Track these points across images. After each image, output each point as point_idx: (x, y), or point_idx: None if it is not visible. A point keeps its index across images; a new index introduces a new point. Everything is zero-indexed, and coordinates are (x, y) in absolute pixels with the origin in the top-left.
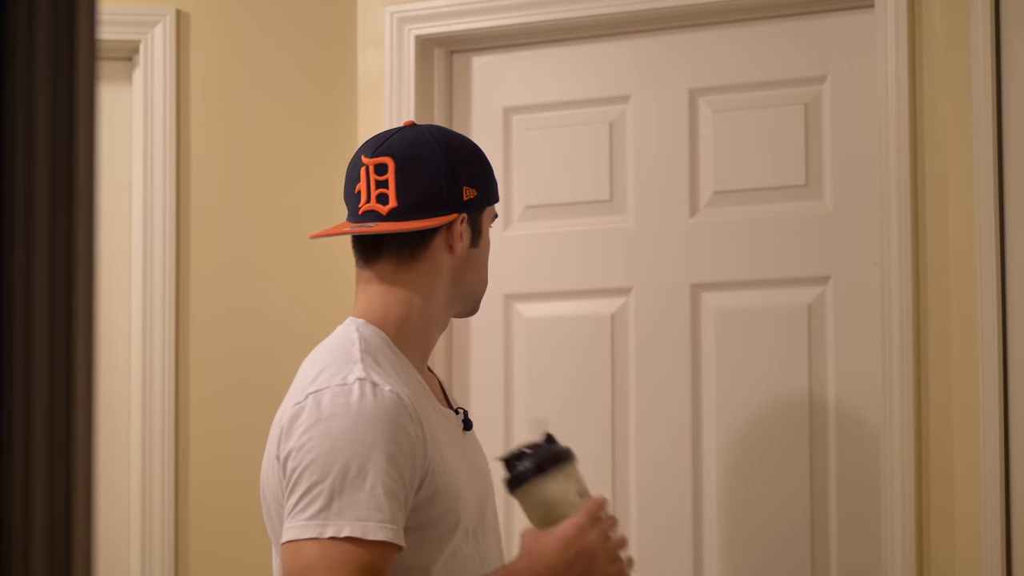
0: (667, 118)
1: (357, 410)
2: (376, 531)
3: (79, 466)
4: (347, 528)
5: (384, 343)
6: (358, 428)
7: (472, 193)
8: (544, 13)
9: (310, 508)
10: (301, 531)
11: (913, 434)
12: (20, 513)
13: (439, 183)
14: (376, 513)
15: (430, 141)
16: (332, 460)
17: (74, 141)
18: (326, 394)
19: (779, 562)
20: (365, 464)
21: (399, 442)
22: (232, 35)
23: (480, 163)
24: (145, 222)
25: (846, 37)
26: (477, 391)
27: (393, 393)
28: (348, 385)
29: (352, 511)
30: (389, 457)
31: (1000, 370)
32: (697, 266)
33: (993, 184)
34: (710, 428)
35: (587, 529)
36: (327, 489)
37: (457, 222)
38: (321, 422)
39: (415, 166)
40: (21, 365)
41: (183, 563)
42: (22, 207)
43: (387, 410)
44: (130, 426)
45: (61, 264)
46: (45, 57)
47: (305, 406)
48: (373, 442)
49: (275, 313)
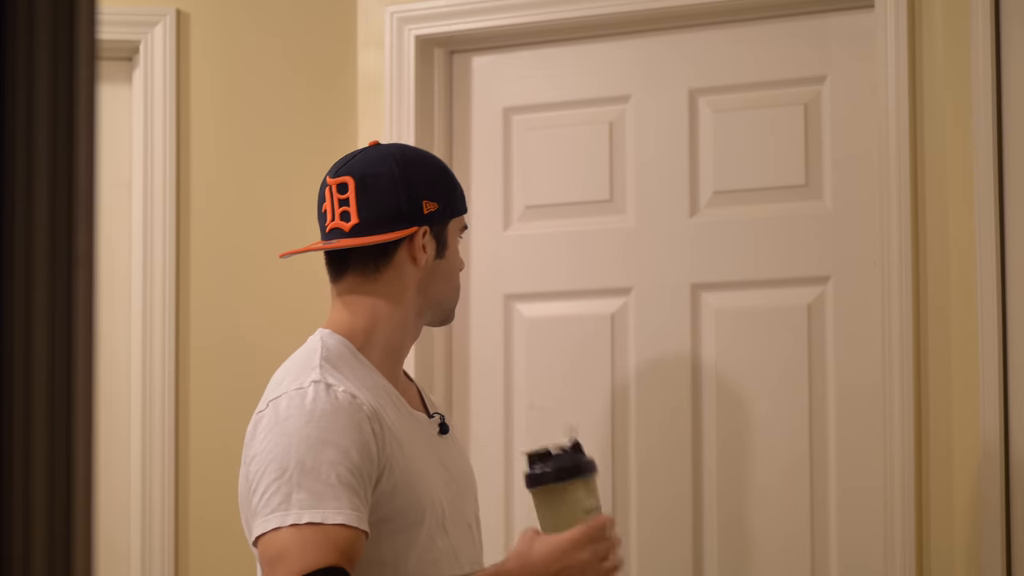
0: (667, 118)
1: (311, 409)
2: (334, 516)
3: (79, 466)
4: (307, 515)
5: (348, 351)
6: (312, 426)
7: (433, 206)
8: (544, 13)
9: (271, 503)
10: (265, 524)
11: (913, 434)
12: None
13: (397, 198)
14: (333, 500)
15: (388, 159)
16: (288, 457)
17: (74, 141)
18: (283, 399)
19: (779, 562)
20: (319, 458)
21: (352, 437)
22: (232, 35)
23: (441, 177)
24: (145, 222)
25: (846, 37)
26: (477, 391)
27: (347, 393)
28: (303, 388)
29: (309, 500)
30: (343, 451)
31: (1000, 370)
32: (697, 266)
33: (993, 184)
34: (710, 428)
35: (582, 546)
36: (285, 484)
37: (419, 235)
38: (278, 424)
39: (374, 183)
40: (21, 365)
41: (183, 564)
42: (22, 207)
43: (340, 408)
44: (130, 426)
45: (61, 264)
46: (45, 57)
47: (265, 414)
48: (326, 438)
49: (275, 313)
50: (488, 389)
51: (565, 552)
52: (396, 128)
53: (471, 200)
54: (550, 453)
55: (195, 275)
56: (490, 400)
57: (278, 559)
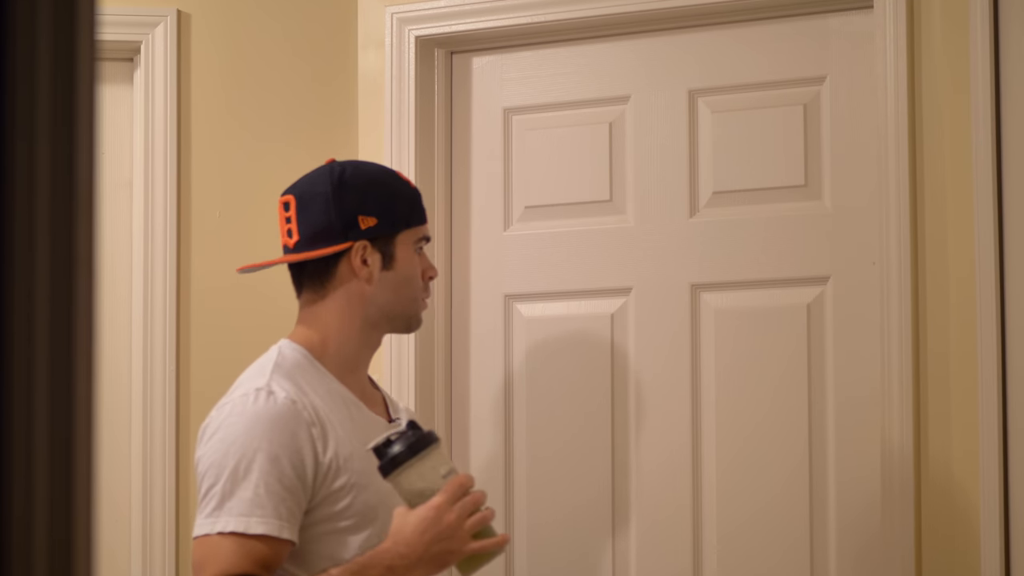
0: (667, 118)
1: (249, 415)
2: (256, 526)
3: (80, 466)
4: (232, 524)
5: (304, 359)
6: (248, 432)
7: (371, 221)
8: (544, 13)
9: (207, 508)
10: (199, 528)
11: (912, 433)
12: (21, 514)
13: (329, 215)
14: (258, 510)
15: (325, 177)
16: (224, 463)
17: (75, 141)
18: (227, 405)
19: (779, 561)
20: (251, 465)
21: (285, 443)
22: (233, 36)
23: (382, 192)
24: (145, 222)
25: (846, 37)
26: (477, 391)
27: (288, 399)
28: (247, 395)
29: (237, 508)
30: (273, 458)
31: (999, 369)
32: (697, 266)
33: (992, 184)
34: (710, 428)
35: (445, 509)
36: (219, 491)
37: (355, 249)
38: (220, 430)
39: (309, 202)
40: (22, 365)
41: (183, 563)
42: (23, 207)
43: (277, 414)
44: (131, 426)
45: (61, 264)
46: (46, 57)
47: (212, 417)
48: (259, 445)
49: (275, 313)
50: (488, 389)
51: (434, 519)
52: (396, 128)
53: (471, 200)
54: (391, 439)
55: (195, 275)
56: (490, 400)
57: (205, 565)
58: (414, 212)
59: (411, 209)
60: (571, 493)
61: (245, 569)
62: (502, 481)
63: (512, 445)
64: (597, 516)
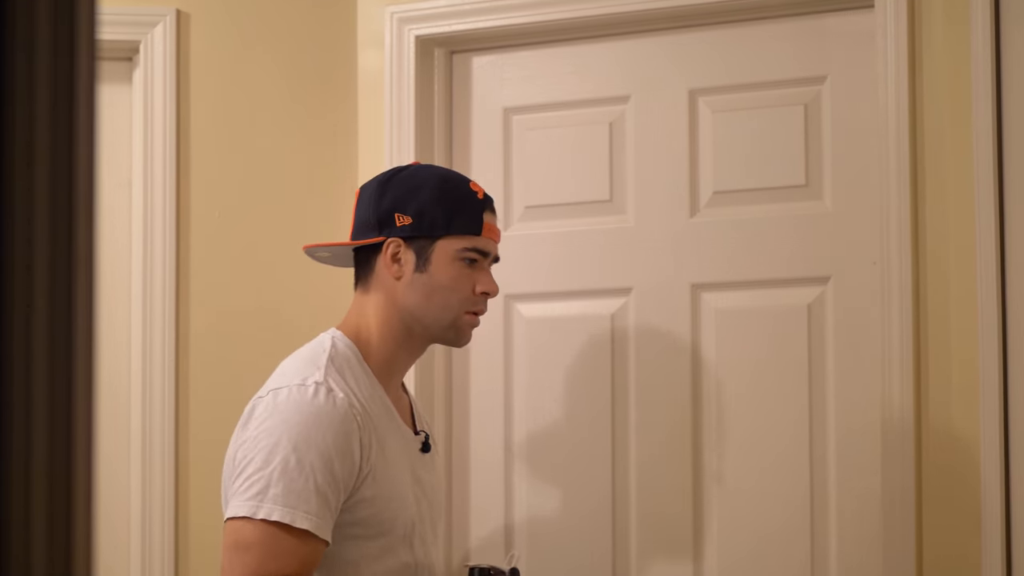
0: (667, 118)
1: (308, 410)
2: (302, 520)
3: (79, 466)
4: (277, 513)
5: (354, 356)
6: (305, 425)
7: (406, 220)
8: (544, 13)
9: (250, 491)
10: (238, 508)
11: (913, 433)
12: (20, 513)
13: (369, 209)
14: (304, 503)
15: (383, 175)
16: (276, 451)
17: (74, 141)
18: (283, 392)
19: (779, 561)
20: (304, 460)
21: (339, 446)
22: (232, 35)
23: (427, 196)
24: (145, 222)
25: (846, 37)
26: (477, 391)
27: (346, 401)
28: (305, 386)
29: (284, 499)
30: (326, 459)
31: (1000, 369)
32: (697, 266)
33: (993, 184)
34: (710, 428)
35: None
36: (267, 476)
37: (388, 245)
38: (274, 416)
39: (363, 196)
40: (22, 365)
41: (183, 564)
42: (22, 207)
43: (336, 414)
44: (130, 426)
45: (61, 264)
46: (45, 57)
47: (264, 400)
48: (316, 442)
49: (275, 313)
50: (488, 389)
51: None
52: (396, 128)
53: None
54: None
55: (195, 275)
56: (490, 400)
57: (244, 549)
58: (462, 220)
59: (458, 217)
60: (571, 493)
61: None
62: (502, 481)
63: (512, 445)
64: (597, 516)
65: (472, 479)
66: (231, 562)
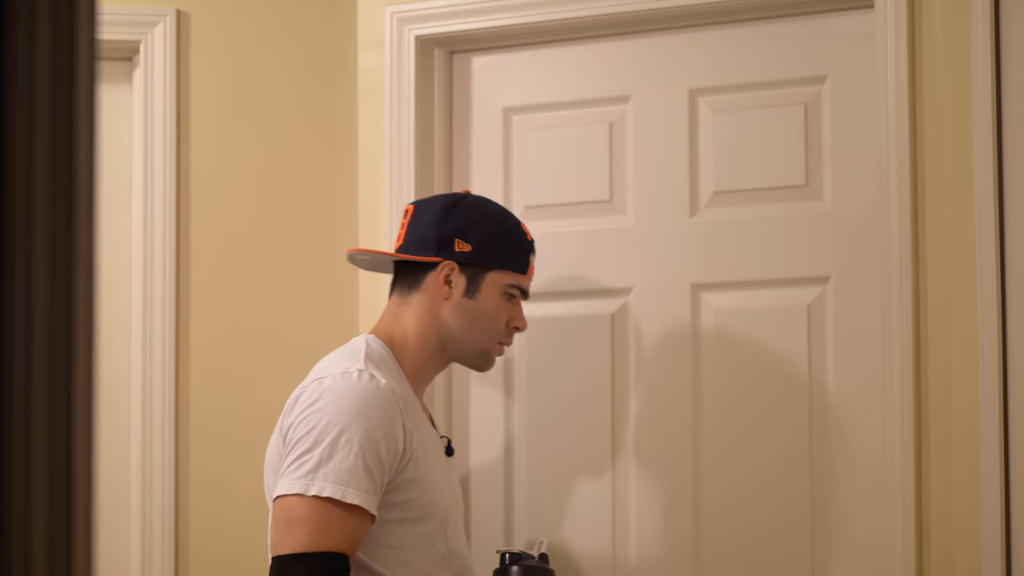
0: (667, 118)
1: (355, 392)
2: (353, 496)
3: (79, 465)
4: (328, 489)
5: (388, 356)
6: (352, 407)
7: (466, 247)
8: (544, 13)
9: (301, 469)
10: (289, 487)
11: (913, 433)
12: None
13: (431, 230)
14: (354, 481)
15: (447, 198)
16: (326, 432)
17: (74, 141)
18: (328, 379)
19: (779, 561)
20: (353, 438)
21: (384, 427)
22: (232, 35)
23: (488, 229)
24: (145, 222)
25: (846, 37)
26: (477, 391)
27: (388, 386)
28: (349, 373)
29: (335, 476)
30: (372, 439)
31: (1000, 369)
32: (697, 266)
33: (993, 184)
34: (710, 428)
35: None
36: (317, 455)
37: (443, 266)
38: (321, 399)
39: (423, 213)
40: (21, 365)
41: (183, 563)
42: (22, 207)
43: (380, 396)
44: (130, 426)
45: (61, 264)
46: (45, 57)
47: (309, 388)
48: (362, 422)
49: (275, 313)
50: (488, 389)
51: None
52: (396, 128)
53: None
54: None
55: (195, 275)
56: (490, 400)
57: (296, 524)
58: (513, 258)
59: (511, 255)
60: (572, 493)
61: (339, 547)
62: (502, 481)
63: (512, 445)
64: (598, 516)
65: (472, 479)
66: (283, 537)
